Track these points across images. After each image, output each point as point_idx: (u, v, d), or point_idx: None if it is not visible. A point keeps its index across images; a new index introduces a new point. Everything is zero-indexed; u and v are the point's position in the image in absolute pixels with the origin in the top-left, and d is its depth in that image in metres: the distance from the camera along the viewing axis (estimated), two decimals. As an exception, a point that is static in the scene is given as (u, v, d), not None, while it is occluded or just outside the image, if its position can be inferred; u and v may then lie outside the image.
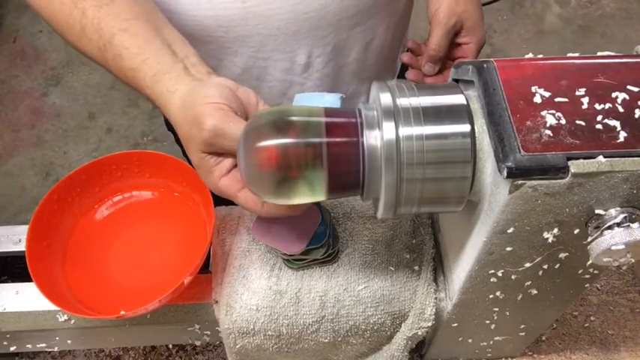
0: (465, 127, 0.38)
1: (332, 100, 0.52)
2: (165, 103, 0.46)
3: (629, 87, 0.36)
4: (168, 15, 0.57)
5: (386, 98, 0.39)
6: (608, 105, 0.36)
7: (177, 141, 0.72)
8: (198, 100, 0.43)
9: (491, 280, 0.47)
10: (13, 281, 0.62)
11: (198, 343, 0.65)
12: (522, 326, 0.59)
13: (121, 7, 0.48)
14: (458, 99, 0.40)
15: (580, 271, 0.47)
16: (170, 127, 0.94)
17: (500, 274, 0.46)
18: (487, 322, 0.56)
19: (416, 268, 0.57)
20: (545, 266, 0.45)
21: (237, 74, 0.65)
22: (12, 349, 0.64)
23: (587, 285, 0.50)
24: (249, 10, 0.57)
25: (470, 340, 0.62)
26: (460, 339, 0.61)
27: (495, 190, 0.38)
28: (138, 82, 0.47)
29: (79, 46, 0.51)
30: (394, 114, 0.38)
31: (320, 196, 0.41)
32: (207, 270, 0.60)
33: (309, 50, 0.63)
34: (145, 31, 0.48)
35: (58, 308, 0.53)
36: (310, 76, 0.66)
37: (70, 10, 0.49)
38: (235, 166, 0.45)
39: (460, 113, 0.39)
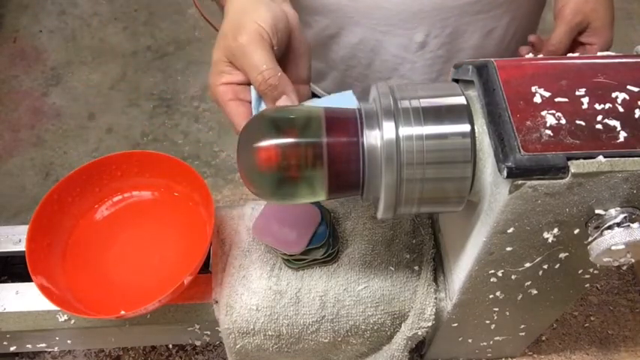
0: (465, 127, 0.38)
1: (347, 98, 0.51)
2: (230, 2, 0.48)
3: (629, 87, 0.36)
4: None
5: (386, 98, 0.39)
6: (608, 105, 0.36)
7: None
8: (250, 15, 0.46)
9: (492, 280, 0.47)
10: (13, 281, 0.61)
11: (198, 343, 0.65)
12: (522, 326, 0.59)
13: None
14: (458, 99, 0.40)
15: (580, 271, 0.47)
16: None
17: (500, 274, 0.46)
18: (487, 322, 0.56)
19: (416, 268, 0.57)
20: (545, 266, 0.45)
21: (354, 44, 0.67)
22: (12, 349, 0.64)
23: (587, 285, 0.50)
24: None
25: (470, 340, 0.62)
26: (460, 339, 0.61)
27: (495, 190, 0.38)
28: None
29: None
30: (394, 114, 0.38)
31: (320, 196, 0.41)
32: (207, 270, 0.60)
33: (428, 30, 0.63)
34: None
35: (58, 308, 0.53)
36: (423, 55, 0.66)
37: None
38: (240, 83, 0.47)
39: (460, 113, 0.39)
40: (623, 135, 0.34)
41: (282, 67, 0.46)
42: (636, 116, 0.35)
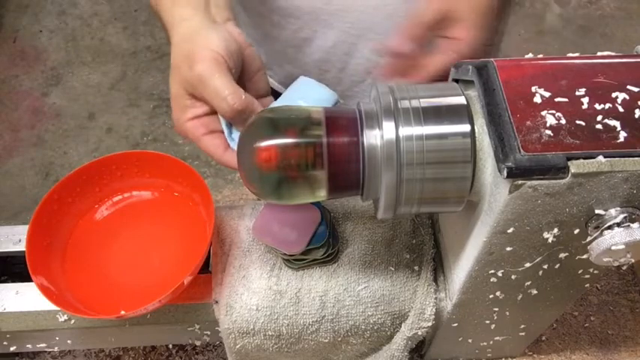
0: (465, 127, 0.38)
1: (327, 95, 0.51)
2: (173, 28, 0.47)
3: (629, 87, 0.36)
4: None
5: (386, 98, 0.39)
6: (608, 105, 0.36)
7: None
8: (201, 42, 0.44)
9: (491, 280, 0.47)
10: (13, 281, 0.61)
11: (198, 343, 0.65)
12: (522, 326, 0.59)
13: None
14: (458, 99, 0.40)
15: (580, 271, 0.47)
16: None
17: (500, 274, 0.46)
18: (487, 322, 0.56)
19: (416, 268, 0.57)
20: (545, 266, 0.45)
21: (328, 47, 0.66)
22: (12, 349, 0.64)
23: (587, 285, 0.50)
24: None
25: (470, 340, 0.62)
26: (460, 339, 0.61)
27: (495, 190, 0.38)
28: (160, 5, 0.49)
29: None
30: (394, 114, 0.38)
31: (320, 197, 0.41)
32: (207, 270, 0.60)
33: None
34: None
35: (58, 308, 0.53)
36: None
37: None
38: (207, 114, 0.46)
39: (460, 113, 0.39)
40: (623, 135, 0.34)
41: (241, 88, 0.45)
42: (636, 116, 0.35)
